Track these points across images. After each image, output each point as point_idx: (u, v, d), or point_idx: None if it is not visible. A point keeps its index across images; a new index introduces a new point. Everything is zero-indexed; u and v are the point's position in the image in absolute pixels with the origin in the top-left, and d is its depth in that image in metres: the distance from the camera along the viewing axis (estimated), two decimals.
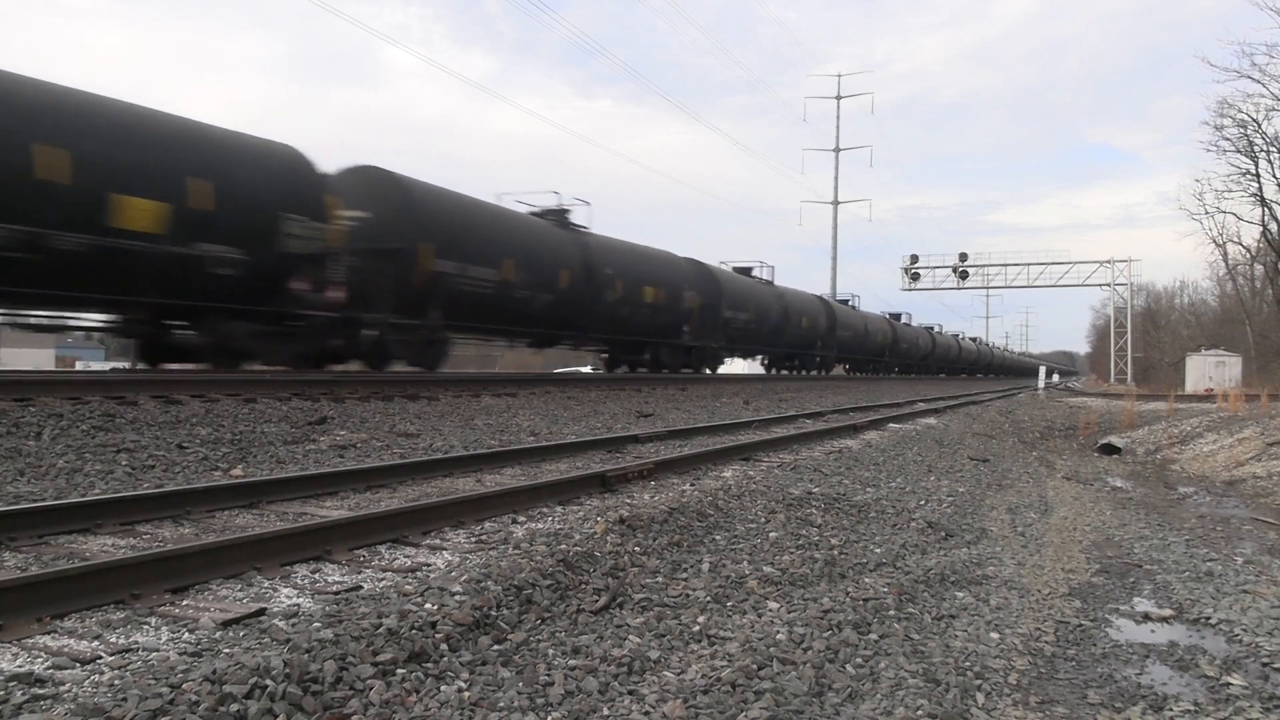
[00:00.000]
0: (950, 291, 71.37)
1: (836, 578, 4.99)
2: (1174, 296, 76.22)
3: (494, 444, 8.67)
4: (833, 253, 51.16)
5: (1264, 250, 42.82)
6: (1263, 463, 12.54)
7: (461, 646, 3.29)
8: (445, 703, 2.86)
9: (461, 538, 4.83)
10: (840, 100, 52.09)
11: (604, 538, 4.83)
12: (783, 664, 3.53)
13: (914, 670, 3.69)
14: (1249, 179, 39.53)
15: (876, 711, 3.25)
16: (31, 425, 7.29)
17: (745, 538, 5.55)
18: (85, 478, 5.86)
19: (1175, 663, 4.26)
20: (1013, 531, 7.32)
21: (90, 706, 2.43)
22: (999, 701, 3.58)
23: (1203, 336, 55.76)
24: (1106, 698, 3.75)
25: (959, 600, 4.93)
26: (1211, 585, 5.79)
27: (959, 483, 9.29)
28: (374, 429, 9.01)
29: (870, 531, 6.25)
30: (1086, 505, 9.40)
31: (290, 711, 2.59)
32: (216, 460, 6.81)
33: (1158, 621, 5.03)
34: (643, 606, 4.08)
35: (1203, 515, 9.25)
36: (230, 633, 3.14)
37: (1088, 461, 15.00)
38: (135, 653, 2.92)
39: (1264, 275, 46.62)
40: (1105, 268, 58.21)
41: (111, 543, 4.35)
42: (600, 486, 6.47)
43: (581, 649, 3.47)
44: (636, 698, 3.14)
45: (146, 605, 3.38)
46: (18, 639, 2.97)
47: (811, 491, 7.15)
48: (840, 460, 9.42)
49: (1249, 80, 36.80)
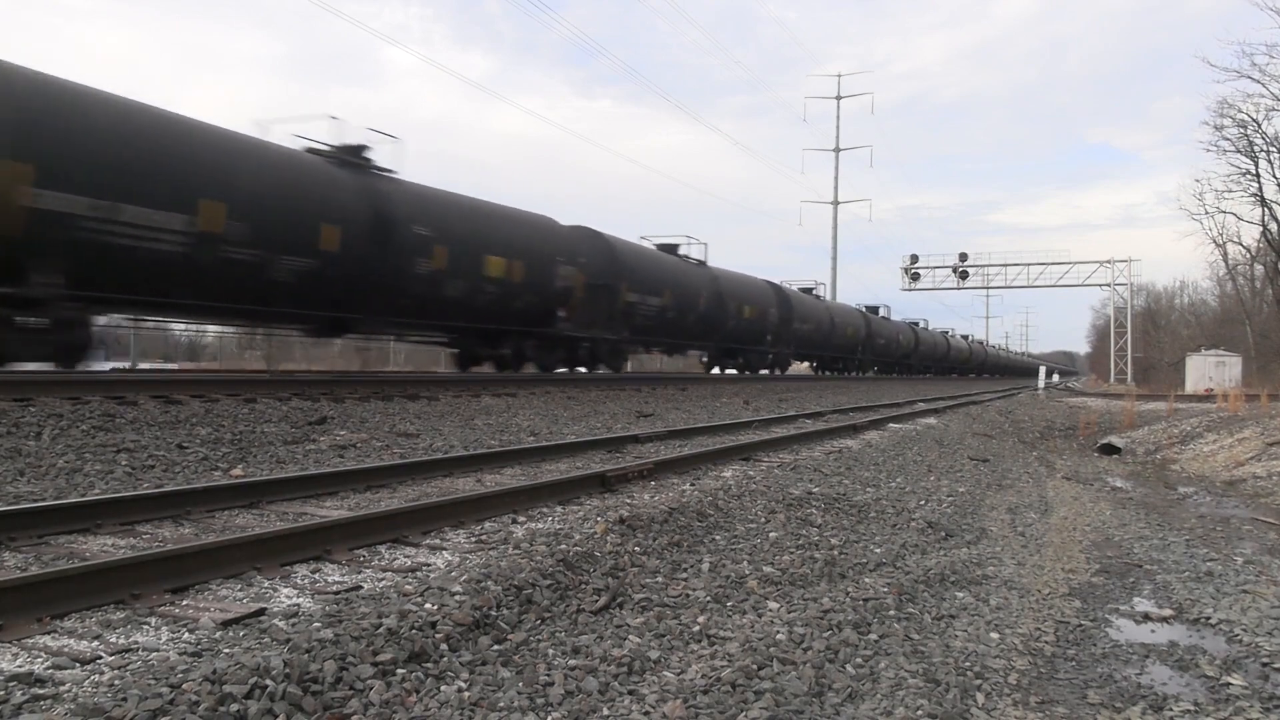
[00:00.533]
0: (950, 291, 71.43)
1: (836, 578, 4.99)
2: (1174, 296, 76.33)
3: (494, 444, 8.67)
4: (833, 253, 51.20)
5: (1264, 250, 42.86)
6: (1263, 463, 12.54)
7: (461, 646, 3.29)
8: (445, 703, 2.86)
9: (461, 538, 4.83)
10: (840, 100, 52.13)
11: (604, 538, 4.83)
12: (783, 664, 3.53)
13: (914, 670, 3.69)
14: (1249, 179, 39.62)
15: (876, 711, 3.25)
16: (31, 425, 7.29)
17: (745, 538, 5.55)
18: (85, 478, 5.86)
19: (1175, 663, 4.26)
20: (1013, 531, 7.32)
21: (90, 706, 2.43)
22: (999, 701, 3.58)
23: (1203, 336, 55.78)
24: (1106, 698, 3.75)
25: (959, 600, 4.93)
26: (1211, 585, 5.80)
27: (959, 483, 9.29)
28: (374, 429, 9.01)
29: (870, 531, 6.25)
30: (1086, 505, 9.41)
31: (290, 711, 2.59)
32: (216, 460, 6.81)
33: (1158, 621, 5.03)
34: (643, 606, 4.08)
35: (1203, 515, 9.25)
36: (230, 633, 3.14)
37: (1088, 461, 15.00)
38: (135, 653, 2.92)
39: (1264, 275, 46.65)
40: (1105, 268, 58.24)
41: (111, 543, 4.35)
42: (600, 486, 6.47)
43: (581, 649, 3.47)
44: (636, 698, 3.14)
45: (146, 605, 3.38)
46: (18, 639, 2.97)
47: (811, 491, 7.14)
48: (840, 460, 9.42)
49: (1249, 80, 36.96)
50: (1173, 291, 77.49)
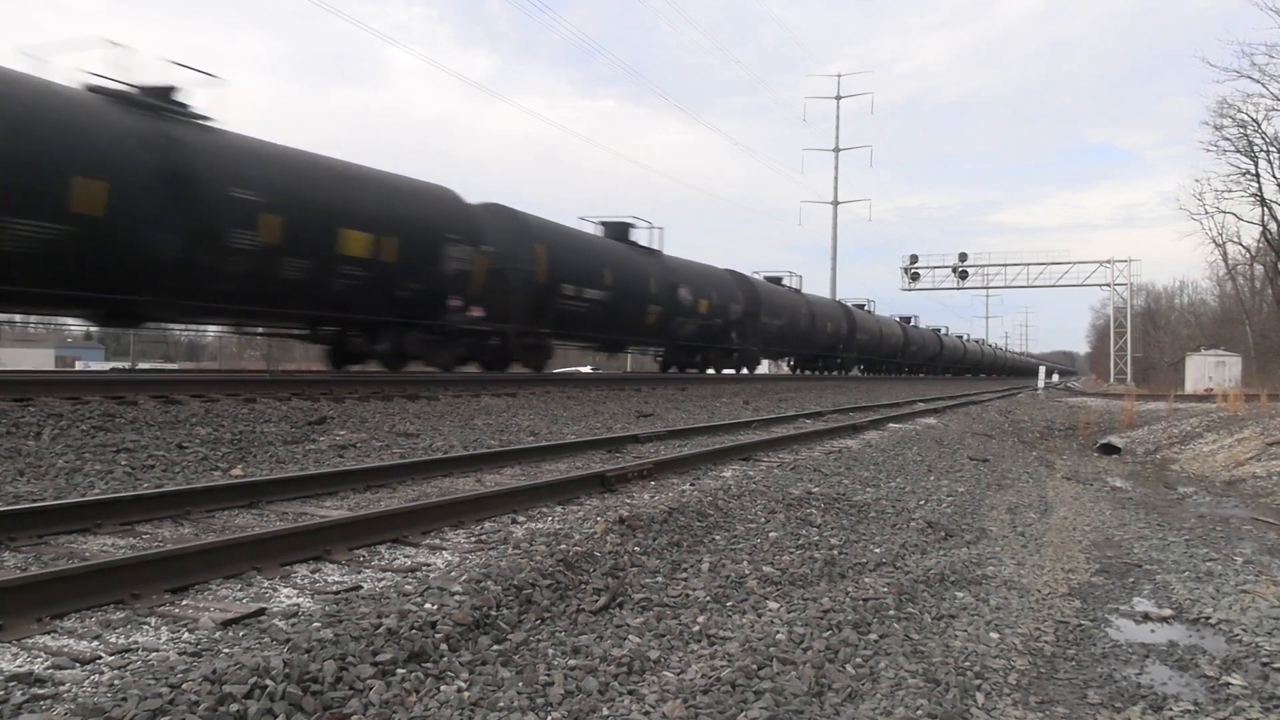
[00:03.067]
0: (950, 291, 71.23)
1: (836, 578, 4.99)
2: (1174, 296, 76.35)
3: (494, 444, 8.67)
4: (832, 253, 51.11)
5: (1264, 250, 42.87)
6: (1262, 463, 12.54)
7: (461, 646, 3.29)
8: (445, 703, 2.86)
9: (461, 538, 4.83)
10: (840, 100, 52.07)
11: (604, 538, 4.83)
12: (782, 664, 3.53)
13: (914, 670, 3.69)
14: (1249, 179, 39.62)
15: (876, 711, 3.25)
16: (31, 425, 7.29)
17: (745, 538, 5.55)
18: (85, 478, 5.86)
19: (1175, 663, 4.26)
20: (1012, 531, 7.32)
21: (90, 706, 2.43)
22: (999, 701, 3.58)
23: (1202, 336, 55.78)
24: (1106, 698, 3.75)
25: (959, 600, 4.93)
26: (1211, 585, 5.80)
27: (959, 483, 9.29)
28: (374, 429, 9.01)
29: (870, 531, 6.25)
30: (1086, 505, 9.41)
31: (290, 711, 2.59)
32: (216, 460, 6.81)
33: (1157, 621, 5.03)
34: (642, 606, 4.08)
35: (1202, 515, 9.25)
36: (230, 633, 3.14)
37: (1087, 461, 15.00)
38: (135, 653, 2.92)
39: (1264, 275, 46.68)
40: (1105, 268, 58.22)
41: (111, 543, 4.34)
42: (600, 486, 6.47)
43: (581, 649, 3.47)
44: (636, 698, 3.14)
45: (146, 605, 3.38)
46: (18, 639, 2.97)
47: (811, 491, 7.15)
48: (840, 460, 9.42)
49: (1249, 80, 36.85)
50: (1172, 291, 77.59)
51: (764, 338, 27.71)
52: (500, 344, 16.55)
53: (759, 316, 27.58)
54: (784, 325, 31.58)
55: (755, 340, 27.82)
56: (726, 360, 29.34)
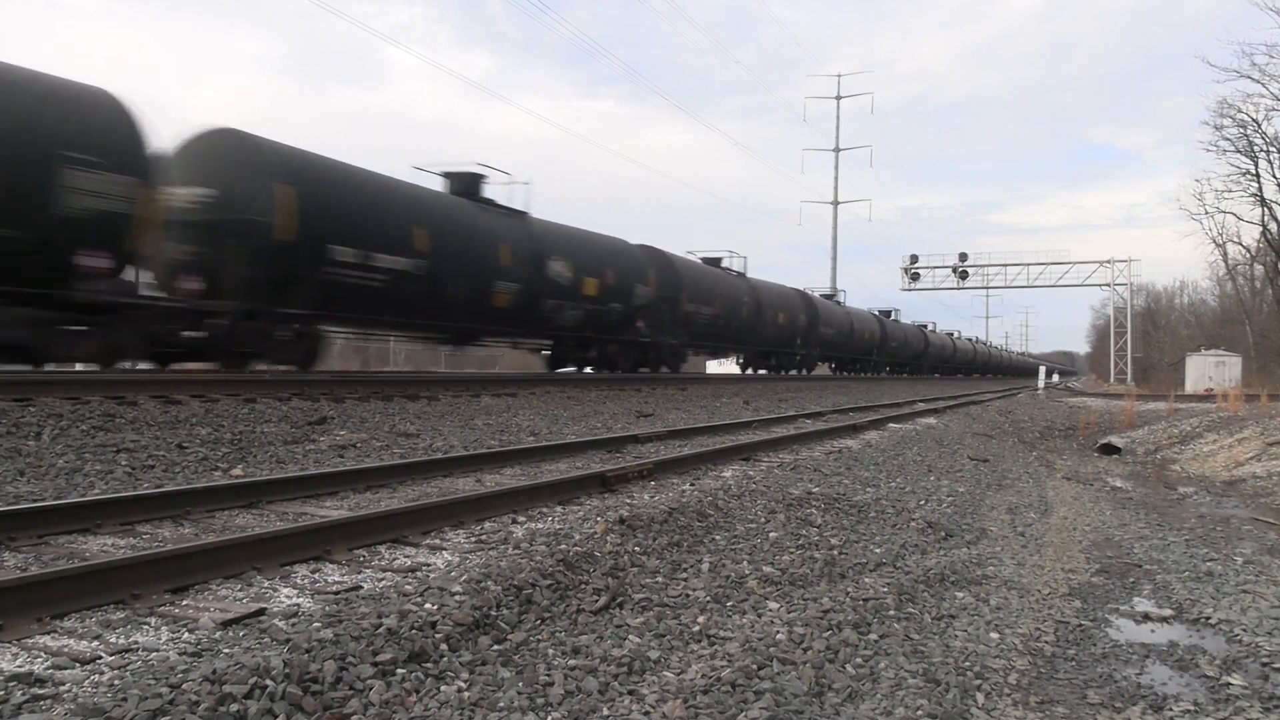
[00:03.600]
0: (950, 291, 71.21)
1: (836, 578, 4.99)
2: (1174, 296, 76.30)
3: (494, 444, 8.67)
4: (833, 253, 51.15)
5: (1264, 250, 42.85)
6: (1262, 463, 12.54)
7: (461, 646, 3.29)
8: (445, 703, 2.86)
9: (461, 538, 4.83)
10: (840, 100, 52.09)
11: (604, 538, 4.83)
12: (783, 664, 3.53)
13: (914, 670, 3.69)
14: (1249, 179, 39.60)
15: (876, 711, 3.25)
16: (31, 425, 7.29)
17: (745, 538, 5.55)
18: (85, 478, 5.86)
19: (1175, 663, 4.26)
20: (1012, 531, 7.32)
21: (90, 706, 2.43)
22: (999, 701, 3.58)
23: (1202, 336, 55.78)
24: (1106, 698, 3.75)
25: (959, 600, 4.93)
26: (1211, 585, 5.80)
27: (959, 483, 9.29)
28: (374, 429, 9.01)
29: (870, 531, 6.25)
30: (1086, 505, 9.41)
31: (290, 711, 2.59)
32: (216, 460, 6.81)
33: (1157, 621, 5.03)
34: (643, 606, 4.08)
35: (1203, 515, 9.25)
36: (230, 633, 3.14)
37: (1088, 461, 15.00)
38: (135, 653, 2.92)
39: (1264, 275, 46.65)
40: (1105, 268, 58.22)
41: (111, 543, 4.35)
42: (600, 486, 6.47)
43: (581, 649, 3.47)
44: (636, 698, 3.14)
45: (146, 605, 3.38)
46: (18, 639, 2.97)
47: (811, 491, 7.15)
48: (840, 460, 9.42)
49: (1249, 80, 36.81)
50: (1172, 291, 77.54)
51: (690, 329, 23.26)
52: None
53: (679, 302, 22.95)
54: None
55: (676, 332, 23.20)
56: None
